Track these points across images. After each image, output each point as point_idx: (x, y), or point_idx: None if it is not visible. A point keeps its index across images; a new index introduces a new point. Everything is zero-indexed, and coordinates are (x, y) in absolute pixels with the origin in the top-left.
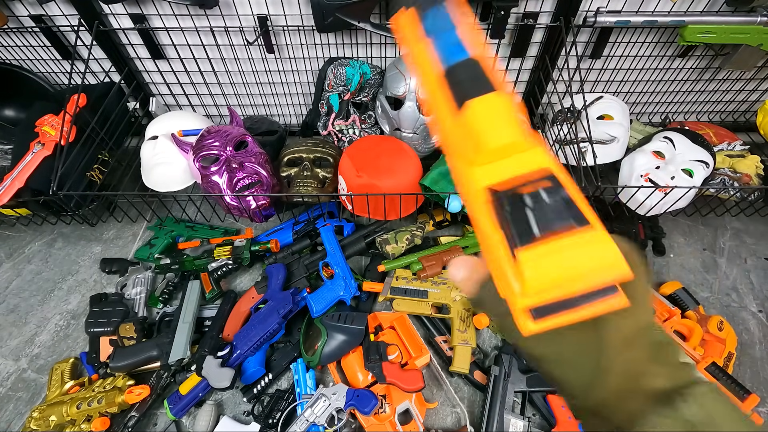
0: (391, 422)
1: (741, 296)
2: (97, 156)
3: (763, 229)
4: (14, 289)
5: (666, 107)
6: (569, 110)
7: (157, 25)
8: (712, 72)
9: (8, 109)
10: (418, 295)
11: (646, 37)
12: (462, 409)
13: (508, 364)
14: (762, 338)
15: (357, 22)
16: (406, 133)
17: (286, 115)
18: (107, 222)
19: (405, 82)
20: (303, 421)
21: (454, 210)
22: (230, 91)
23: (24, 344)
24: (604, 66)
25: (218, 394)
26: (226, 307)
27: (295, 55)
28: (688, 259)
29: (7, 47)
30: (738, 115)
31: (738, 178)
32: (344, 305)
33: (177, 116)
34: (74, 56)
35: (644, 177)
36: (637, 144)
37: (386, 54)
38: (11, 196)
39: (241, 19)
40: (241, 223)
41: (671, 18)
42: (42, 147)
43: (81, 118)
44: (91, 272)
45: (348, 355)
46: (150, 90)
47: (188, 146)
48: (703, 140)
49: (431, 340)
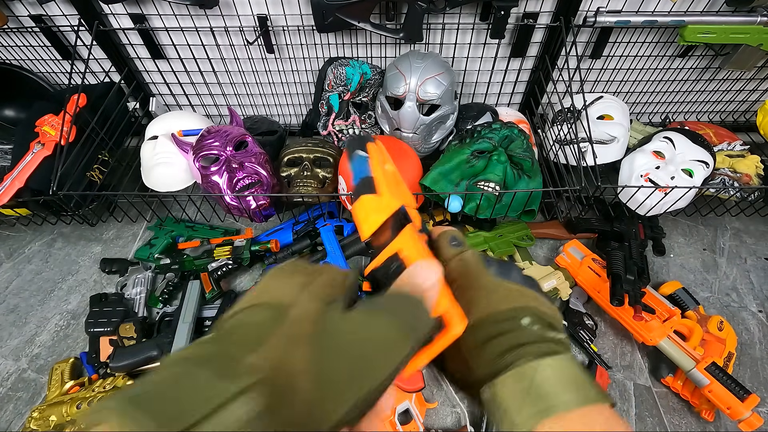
0: (391, 422)
1: (741, 296)
2: (97, 156)
3: (763, 229)
4: (14, 289)
5: (666, 107)
6: (569, 110)
7: (157, 25)
8: (712, 72)
9: (8, 109)
10: None
11: (646, 37)
12: (462, 409)
13: None
14: (762, 338)
15: (357, 22)
16: (406, 133)
17: (286, 115)
18: (107, 222)
19: (405, 82)
20: None
21: (454, 210)
22: (230, 91)
23: (24, 344)
24: (604, 66)
25: None
26: (226, 307)
27: (295, 55)
28: (688, 259)
29: (7, 47)
30: (738, 115)
31: (738, 178)
32: None
33: (177, 116)
34: (74, 56)
35: (644, 177)
36: (637, 144)
37: (386, 54)
38: (11, 196)
39: (241, 19)
40: (241, 223)
41: (671, 18)
42: (42, 147)
43: (81, 118)
44: (91, 272)
45: None
46: (150, 90)
47: (188, 146)
48: (703, 140)
49: None
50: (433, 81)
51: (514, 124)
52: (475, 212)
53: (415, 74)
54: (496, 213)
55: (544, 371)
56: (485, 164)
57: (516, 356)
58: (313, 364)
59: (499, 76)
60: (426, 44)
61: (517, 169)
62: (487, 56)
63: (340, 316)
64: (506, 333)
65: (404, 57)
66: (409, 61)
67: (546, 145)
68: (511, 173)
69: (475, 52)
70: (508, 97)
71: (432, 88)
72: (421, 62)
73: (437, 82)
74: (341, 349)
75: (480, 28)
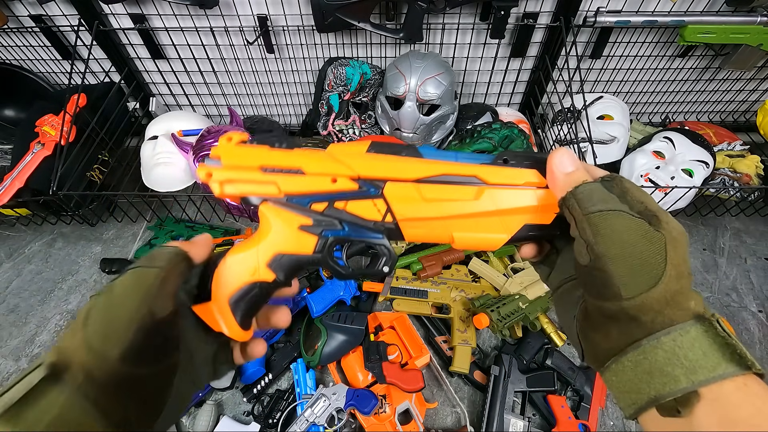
0: (391, 422)
1: (741, 296)
2: (97, 156)
3: (763, 229)
4: (14, 289)
5: (666, 107)
6: (569, 110)
7: (157, 25)
8: (712, 72)
9: (8, 109)
10: (418, 295)
11: (646, 37)
12: (462, 409)
13: (508, 364)
14: (762, 338)
15: (357, 22)
16: (406, 133)
17: (286, 115)
18: (107, 222)
19: (405, 82)
20: (303, 421)
21: None
22: (230, 91)
23: (24, 344)
24: (604, 66)
25: (218, 394)
26: None
27: (295, 55)
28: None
29: (7, 47)
30: (738, 115)
31: (738, 178)
32: (344, 305)
33: (177, 116)
34: (74, 56)
35: (644, 177)
36: (637, 144)
37: (386, 54)
38: (11, 196)
39: (241, 19)
40: (241, 223)
41: (671, 18)
42: (42, 147)
43: (81, 118)
44: (91, 272)
45: (348, 355)
46: (150, 90)
47: (188, 146)
48: (703, 140)
49: (431, 340)
50: (433, 81)
51: (514, 124)
52: None
53: (415, 74)
54: None
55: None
56: None
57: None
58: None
59: (499, 76)
60: (426, 44)
61: None
62: (487, 56)
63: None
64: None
65: (404, 57)
66: (409, 61)
67: (546, 145)
68: None
69: (475, 52)
70: (508, 97)
71: (432, 88)
72: (421, 62)
73: (437, 82)
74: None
75: (480, 28)
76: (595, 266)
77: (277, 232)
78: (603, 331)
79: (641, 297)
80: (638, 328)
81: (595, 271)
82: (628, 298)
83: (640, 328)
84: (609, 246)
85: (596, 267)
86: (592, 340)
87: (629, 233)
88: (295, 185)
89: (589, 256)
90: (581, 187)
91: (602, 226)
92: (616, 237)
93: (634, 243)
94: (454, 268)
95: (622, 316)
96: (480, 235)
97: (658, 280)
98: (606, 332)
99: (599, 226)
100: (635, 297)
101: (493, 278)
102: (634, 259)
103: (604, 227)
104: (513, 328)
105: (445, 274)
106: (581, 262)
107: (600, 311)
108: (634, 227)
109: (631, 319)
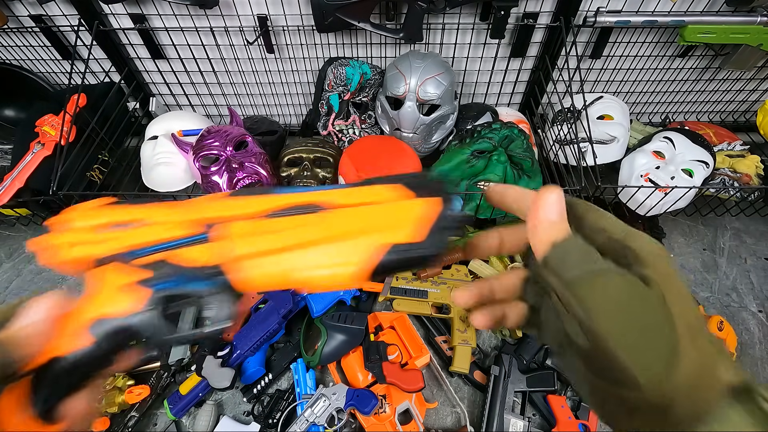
0: (391, 422)
1: (741, 296)
2: (97, 156)
3: (763, 229)
4: (14, 289)
5: (666, 107)
6: (569, 110)
7: (157, 25)
8: (712, 72)
9: (8, 109)
10: (418, 295)
11: (646, 37)
12: (462, 409)
13: (508, 364)
14: (762, 338)
15: (357, 22)
16: (406, 133)
17: (286, 115)
18: None
19: (405, 82)
20: (303, 421)
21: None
22: (230, 91)
23: None
24: (604, 66)
25: (218, 394)
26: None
27: (295, 55)
28: (688, 259)
29: (7, 47)
30: (738, 115)
31: (738, 178)
32: (344, 305)
33: (177, 116)
34: (74, 56)
35: (644, 177)
36: (637, 144)
37: (386, 54)
38: (11, 196)
39: (241, 19)
40: None
41: (671, 18)
42: (42, 147)
43: (81, 118)
44: None
45: (348, 355)
46: (150, 90)
47: (188, 146)
48: (703, 140)
49: (431, 340)
50: (433, 81)
51: (514, 124)
52: (475, 212)
53: (415, 74)
54: (496, 213)
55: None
56: (485, 164)
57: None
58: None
59: (499, 76)
60: (426, 44)
61: (517, 169)
62: (487, 56)
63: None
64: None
65: (404, 57)
66: (409, 61)
67: (546, 145)
68: (511, 173)
69: (475, 52)
70: (508, 97)
71: (432, 88)
72: (421, 62)
73: (437, 82)
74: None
75: (480, 28)
76: (597, 348)
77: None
78: (626, 420)
79: (664, 385)
80: (666, 422)
81: (600, 354)
82: (649, 385)
83: (669, 422)
84: (606, 321)
85: (599, 349)
86: (616, 422)
87: (622, 296)
88: (131, 238)
89: (586, 338)
90: (555, 247)
91: (589, 296)
92: (611, 307)
93: (632, 309)
94: (454, 268)
95: (644, 406)
96: (326, 271)
97: (674, 351)
98: (629, 420)
99: (585, 298)
100: (656, 384)
101: None
102: (637, 331)
103: (591, 297)
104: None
105: (445, 274)
106: (581, 345)
107: (619, 399)
108: (625, 287)
109: (655, 410)
